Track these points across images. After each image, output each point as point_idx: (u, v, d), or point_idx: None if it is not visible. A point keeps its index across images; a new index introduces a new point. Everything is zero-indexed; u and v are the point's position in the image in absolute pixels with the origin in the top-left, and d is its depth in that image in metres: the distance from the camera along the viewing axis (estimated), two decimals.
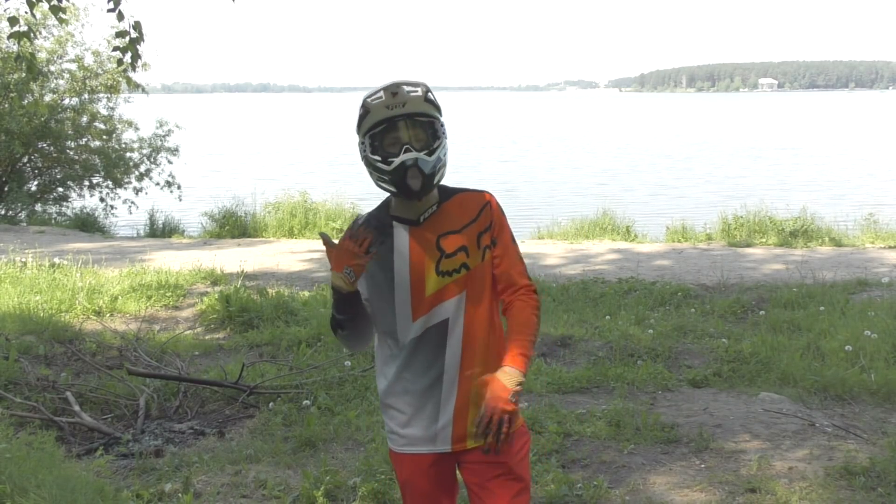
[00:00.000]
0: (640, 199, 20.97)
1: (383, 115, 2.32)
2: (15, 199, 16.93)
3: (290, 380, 5.73)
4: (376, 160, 2.35)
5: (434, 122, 2.37)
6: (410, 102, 2.32)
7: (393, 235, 2.43)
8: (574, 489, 4.02)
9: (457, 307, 2.40)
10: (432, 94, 2.37)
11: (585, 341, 6.60)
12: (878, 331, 6.09)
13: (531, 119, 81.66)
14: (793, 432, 4.75)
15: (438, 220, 2.43)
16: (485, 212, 2.45)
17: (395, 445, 2.50)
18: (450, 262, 2.39)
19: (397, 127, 2.33)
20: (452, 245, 2.40)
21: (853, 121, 71.15)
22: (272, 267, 10.18)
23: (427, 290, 2.39)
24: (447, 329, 2.40)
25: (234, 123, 75.32)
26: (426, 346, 2.41)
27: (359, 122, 2.38)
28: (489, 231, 2.44)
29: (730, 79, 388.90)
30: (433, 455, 2.44)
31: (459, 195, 2.49)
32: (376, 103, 2.33)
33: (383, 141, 2.35)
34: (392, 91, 2.31)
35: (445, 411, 2.41)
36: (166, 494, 3.99)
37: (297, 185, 16.32)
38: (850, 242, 11.82)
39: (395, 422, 2.48)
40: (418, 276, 2.39)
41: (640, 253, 11.07)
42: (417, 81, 2.36)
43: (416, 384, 2.42)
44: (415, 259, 2.39)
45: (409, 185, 2.32)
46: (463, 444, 2.43)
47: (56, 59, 17.20)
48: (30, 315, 7.09)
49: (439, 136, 2.38)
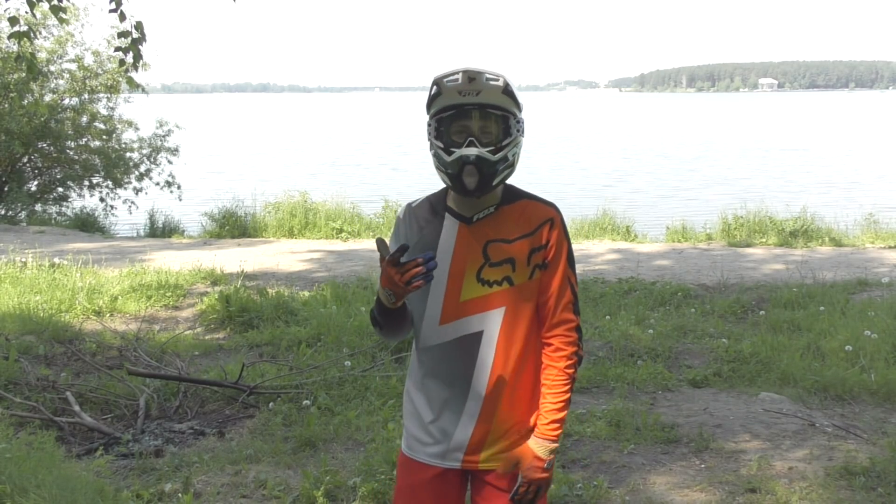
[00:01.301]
0: (639, 199, 20.96)
1: (454, 101, 2.17)
2: (15, 199, 16.92)
3: (290, 380, 5.73)
4: (438, 146, 2.19)
5: (509, 117, 2.20)
6: (486, 92, 2.15)
7: (443, 226, 2.28)
8: (574, 489, 4.02)
9: (493, 322, 2.24)
10: (512, 87, 2.18)
11: (585, 341, 6.56)
12: (878, 331, 6.09)
13: (532, 119, 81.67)
14: (793, 432, 4.76)
15: (492, 224, 2.25)
16: (544, 228, 2.25)
17: (407, 448, 2.39)
18: (492, 272, 2.23)
19: (467, 115, 2.17)
20: (499, 254, 2.23)
21: (853, 121, 71.13)
22: (272, 267, 10.17)
23: (462, 294, 2.24)
24: (480, 343, 2.24)
25: (234, 123, 75.31)
26: (455, 357, 2.26)
27: (429, 101, 2.21)
28: (544, 250, 2.25)
29: (730, 79, 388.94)
30: (442, 469, 2.32)
31: (524, 202, 2.29)
32: (450, 85, 2.16)
33: (450, 127, 2.18)
34: (470, 76, 2.14)
35: (464, 430, 2.28)
36: (166, 494, 3.99)
37: (297, 186, 16.32)
38: (851, 242, 11.83)
39: (413, 423, 2.37)
40: (456, 276, 2.24)
41: (640, 253, 11.06)
42: (498, 73, 2.17)
43: (439, 393, 2.30)
44: (457, 258, 2.24)
45: (464, 183, 2.16)
46: (475, 463, 2.31)
47: (56, 59, 17.18)
48: (30, 315, 7.09)
49: (512, 133, 2.20)
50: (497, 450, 2.29)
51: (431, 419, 2.31)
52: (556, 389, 2.27)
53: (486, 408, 2.26)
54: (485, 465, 2.30)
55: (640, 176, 27.74)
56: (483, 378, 2.25)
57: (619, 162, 33.14)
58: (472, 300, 2.24)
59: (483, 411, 2.26)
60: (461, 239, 2.25)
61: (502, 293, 2.23)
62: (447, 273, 2.24)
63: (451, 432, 2.29)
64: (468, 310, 2.24)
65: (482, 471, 2.32)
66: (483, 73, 2.15)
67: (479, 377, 2.25)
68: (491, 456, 2.30)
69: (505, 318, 2.23)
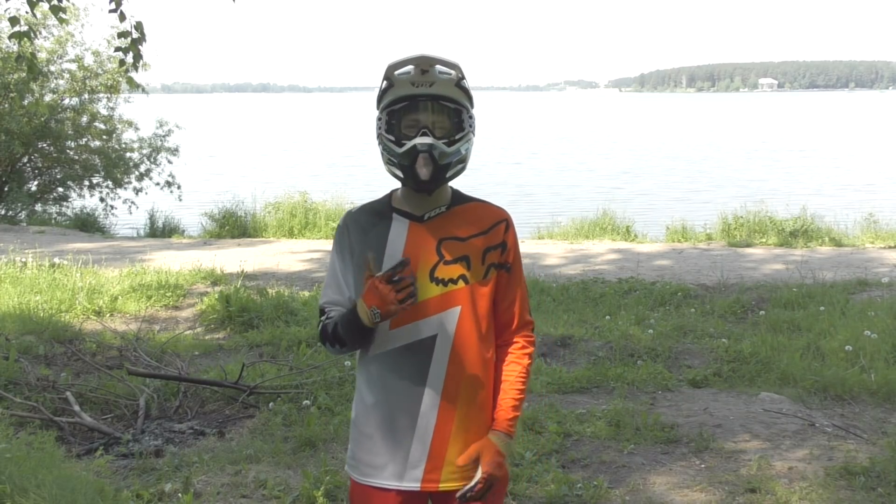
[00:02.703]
0: (647, 201, 20.91)
1: (406, 92, 2.09)
2: (15, 199, 16.93)
3: (290, 380, 5.73)
4: (389, 139, 2.12)
5: (462, 111, 2.13)
6: (439, 84, 2.09)
7: (390, 227, 2.18)
8: (574, 489, 4.02)
9: (447, 324, 2.13)
10: (466, 82, 2.13)
11: (585, 341, 6.60)
12: (878, 331, 6.09)
13: (532, 119, 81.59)
14: (793, 432, 4.76)
15: (444, 223, 2.18)
16: (498, 228, 2.20)
17: (358, 475, 2.21)
18: (447, 270, 2.14)
19: (419, 108, 2.10)
20: (454, 251, 2.15)
21: (854, 121, 71.12)
22: (272, 267, 10.18)
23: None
24: (433, 348, 2.12)
25: (234, 124, 75.30)
26: (406, 365, 2.13)
27: (380, 94, 2.15)
28: (500, 250, 2.19)
29: (730, 79, 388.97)
30: (401, 493, 2.15)
31: (475, 204, 2.24)
32: (402, 77, 2.09)
33: (401, 120, 2.11)
34: (422, 68, 2.08)
35: (420, 445, 2.13)
36: (166, 494, 3.99)
37: (297, 186, 16.32)
38: (850, 242, 11.83)
39: (361, 447, 2.20)
40: None
41: (640, 253, 11.07)
42: (452, 62, 2.11)
43: (390, 407, 2.15)
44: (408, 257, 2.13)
45: (418, 173, 2.08)
46: (435, 484, 2.15)
47: (56, 59, 17.19)
48: (30, 315, 7.09)
49: (465, 128, 2.13)
50: (457, 467, 2.15)
51: (383, 436, 2.16)
52: (518, 386, 2.21)
53: (443, 418, 2.13)
54: (445, 486, 2.16)
55: (646, 177, 27.60)
56: (437, 385, 2.13)
57: (626, 163, 33.04)
58: (425, 301, 2.12)
59: (439, 423, 2.14)
60: (412, 237, 2.16)
61: (457, 293, 2.14)
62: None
63: (408, 449, 2.14)
64: (421, 312, 2.12)
65: (443, 492, 2.17)
66: (436, 62, 2.09)
67: (432, 385, 2.13)
68: (452, 475, 2.15)
69: (460, 320, 2.14)
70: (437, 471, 2.15)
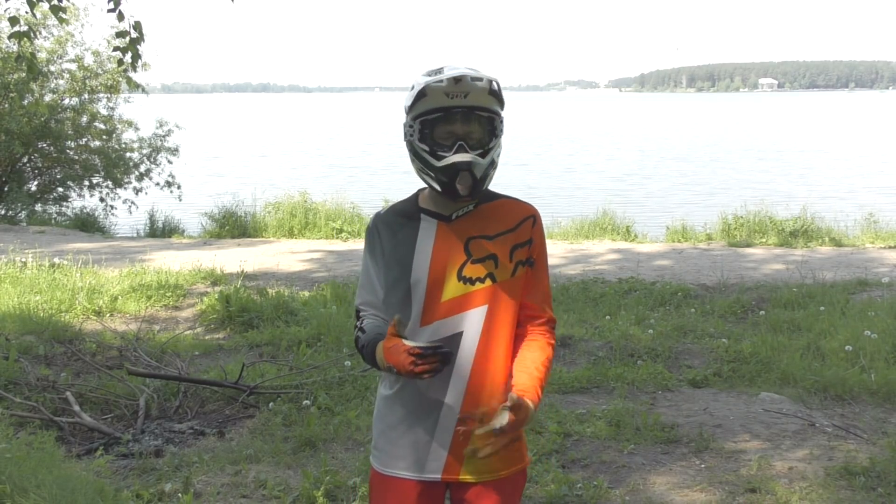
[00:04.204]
0: (641, 199, 20.92)
1: (441, 103, 2.10)
2: (15, 199, 16.93)
3: (290, 380, 5.73)
4: (423, 150, 2.13)
5: (494, 118, 2.16)
6: (473, 94, 2.10)
7: (419, 227, 2.21)
8: (574, 489, 4.02)
9: (475, 322, 2.16)
10: (497, 86, 2.14)
11: (585, 341, 6.60)
12: (878, 331, 6.09)
13: (533, 120, 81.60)
14: (793, 432, 4.76)
15: (472, 221, 2.20)
16: (525, 224, 2.22)
17: (379, 464, 2.25)
18: (475, 269, 2.17)
19: (454, 119, 2.11)
20: (481, 251, 2.17)
21: (854, 121, 71.13)
22: (272, 267, 10.18)
23: (444, 294, 2.16)
24: (459, 344, 2.15)
25: (234, 124, 75.30)
26: None
27: (411, 103, 2.14)
28: (527, 247, 2.21)
29: (730, 79, 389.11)
30: (421, 483, 2.20)
31: (502, 200, 2.26)
32: (436, 86, 2.09)
33: (434, 130, 2.12)
34: (456, 78, 2.08)
35: (443, 436, 2.17)
36: (166, 494, 3.99)
37: (297, 186, 16.33)
38: (851, 242, 11.83)
39: (383, 437, 2.25)
40: (437, 276, 2.16)
41: (640, 253, 11.07)
42: (482, 72, 2.13)
43: (414, 400, 2.19)
44: (437, 257, 2.17)
45: (457, 189, 2.11)
46: (455, 475, 2.19)
47: (56, 59, 17.19)
48: (30, 315, 7.09)
49: (497, 134, 2.16)
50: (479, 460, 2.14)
51: (407, 428, 2.20)
52: (546, 365, 2.19)
53: (466, 413, 2.15)
54: (465, 478, 2.20)
55: (647, 177, 27.60)
56: (462, 381, 2.16)
57: (626, 163, 33.02)
58: (453, 299, 2.16)
59: (463, 417, 2.16)
60: (441, 237, 2.19)
61: (484, 291, 2.17)
62: (427, 273, 2.17)
63: (430, 440, 2.18)
64: (449, 310, 2.16)
65: (463, 484, 2.21)
66: (468, 73, 2.10)
67: (457, 379, 2.16)
68: (473, 467, 2.18)
69: (486, 317, 2.17)
70: (458, 462, 2.19)
